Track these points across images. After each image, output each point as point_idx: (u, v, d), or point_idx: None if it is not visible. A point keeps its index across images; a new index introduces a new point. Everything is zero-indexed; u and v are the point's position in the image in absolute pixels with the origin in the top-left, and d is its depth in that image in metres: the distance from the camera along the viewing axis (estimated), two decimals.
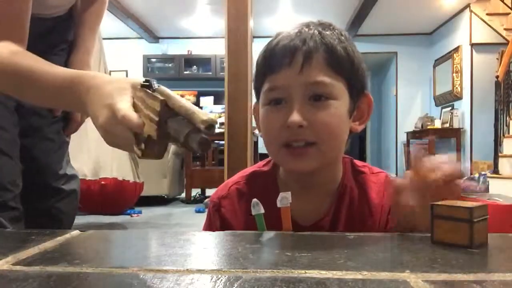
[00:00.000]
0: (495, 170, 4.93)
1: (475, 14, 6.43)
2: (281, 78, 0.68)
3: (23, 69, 0.74)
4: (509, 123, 5.19)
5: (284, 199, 0.64)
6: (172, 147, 4.16)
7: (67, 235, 0.56)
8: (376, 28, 7.67)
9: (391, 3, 6.43)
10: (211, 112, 6.61)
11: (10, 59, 0.76)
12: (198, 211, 3.68)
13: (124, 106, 0.56)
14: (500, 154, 4.95)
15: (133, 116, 0.55)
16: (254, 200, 0.64)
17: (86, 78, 0.64)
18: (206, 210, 3.42)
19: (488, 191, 4.84)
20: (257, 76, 0.73)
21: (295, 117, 0.65)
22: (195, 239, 0.58)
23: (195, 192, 4.60)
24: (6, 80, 0.77)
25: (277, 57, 0.68)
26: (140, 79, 0.59)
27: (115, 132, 0.57)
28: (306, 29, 0.69)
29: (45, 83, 0.70)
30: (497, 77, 5.05)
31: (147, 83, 0.57)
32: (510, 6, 5.92)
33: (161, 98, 0.54)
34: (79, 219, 3.19)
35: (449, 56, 7.04)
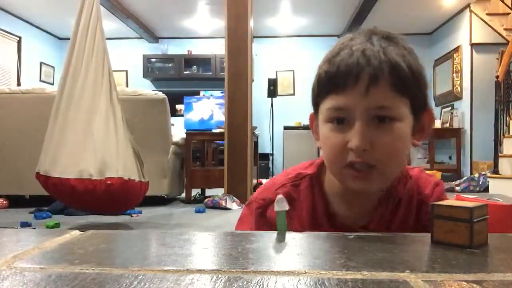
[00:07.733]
0: (495, 170, 4.93)
1: (475, 14, 6.43)
2: (345, 99, 0.66)
3: None
4: (509, 123, 5.19)
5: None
6: (172, 147, 4.15)
7: (67, 235, 0.56)
8: None
9: (391, 3, 6.43)
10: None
11: None
12: (198, 211, 3.67)
13: None
14: (500, 154, 4.96)
15: None
16: (279, 196, 0.60)
17: None
18: (206, 210, 3.43)
19: (488, 191, 4.85)
20: (319, 91, 0.71)
21: (359, 142, 0.65)
22: (195, 239, 0.58)
23: (195, 192, 4.59)
24: None
25: (341, 77, 0.66)
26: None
27: None
28: (370, 45, 0.67)
29: None
30: (497, 77, 5.05)
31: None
32: (510, 6, 5.92)
33: None
34: (79, 219, 3.19)
35: (449, 56, 7.04)
